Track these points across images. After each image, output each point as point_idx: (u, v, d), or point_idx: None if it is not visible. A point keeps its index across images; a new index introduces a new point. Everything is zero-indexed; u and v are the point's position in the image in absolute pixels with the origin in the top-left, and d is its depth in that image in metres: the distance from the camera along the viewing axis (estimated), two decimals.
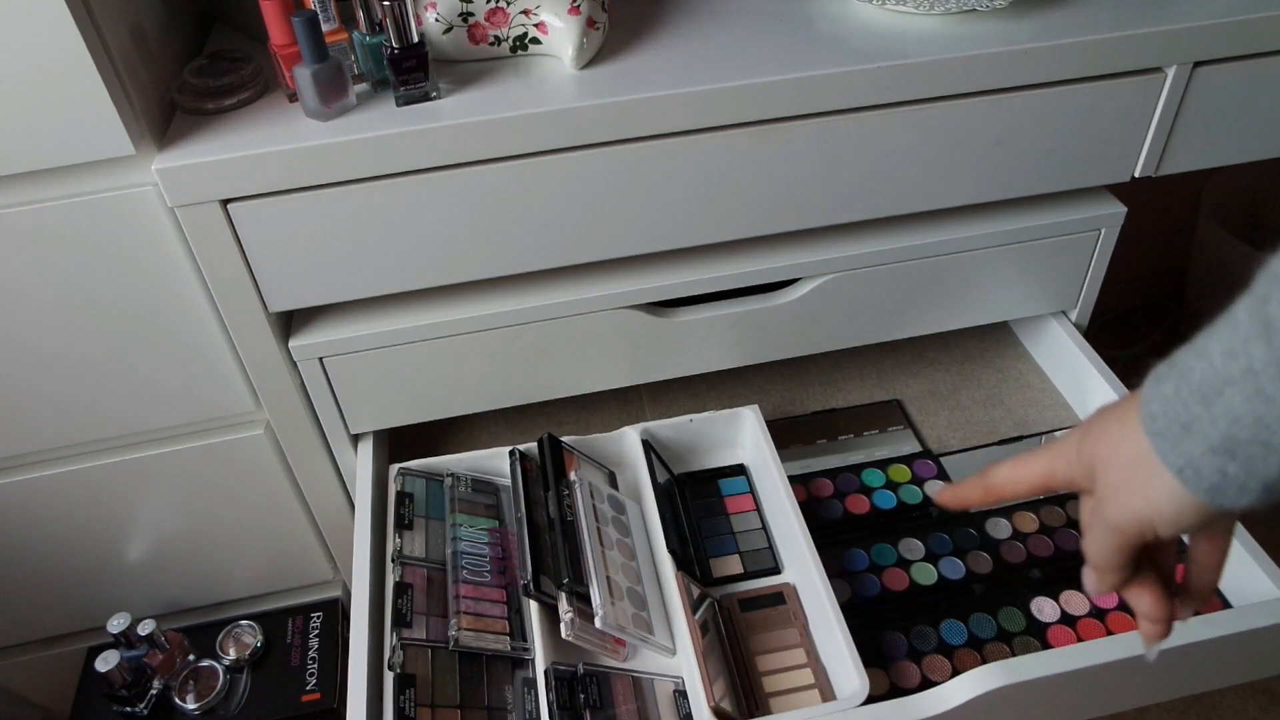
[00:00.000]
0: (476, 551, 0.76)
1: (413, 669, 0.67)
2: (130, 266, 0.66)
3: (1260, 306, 0.33)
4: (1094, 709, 0.69)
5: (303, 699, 0.84)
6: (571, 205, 0.69)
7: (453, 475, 0.80)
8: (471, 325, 0.76)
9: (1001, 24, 0.70)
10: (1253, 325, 0.33)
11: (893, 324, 0.86)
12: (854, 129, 0.70)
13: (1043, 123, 0.73)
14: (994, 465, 0.47)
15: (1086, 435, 0.42)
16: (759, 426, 0.82)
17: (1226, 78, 0.73)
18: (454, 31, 0.67)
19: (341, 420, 0.80)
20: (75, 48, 0.56)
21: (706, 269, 0.78)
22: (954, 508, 0.50)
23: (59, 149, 0.60)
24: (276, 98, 0.68)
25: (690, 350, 0.83)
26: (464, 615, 0.70)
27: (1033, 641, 0.72)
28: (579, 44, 0.67)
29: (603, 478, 0.80)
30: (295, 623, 0.91)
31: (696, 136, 0.67)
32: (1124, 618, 0.73)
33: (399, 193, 0.66)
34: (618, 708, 0.66)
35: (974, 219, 0.81)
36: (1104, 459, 0.40)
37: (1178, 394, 0.36)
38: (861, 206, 0.75)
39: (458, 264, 0.71)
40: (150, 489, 0.81)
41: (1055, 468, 0.44)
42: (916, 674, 0.70)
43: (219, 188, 0.63)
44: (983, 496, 0.48)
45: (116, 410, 0.75)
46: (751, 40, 0.70)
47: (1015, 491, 0.46)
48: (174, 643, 0.85)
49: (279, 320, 0.74)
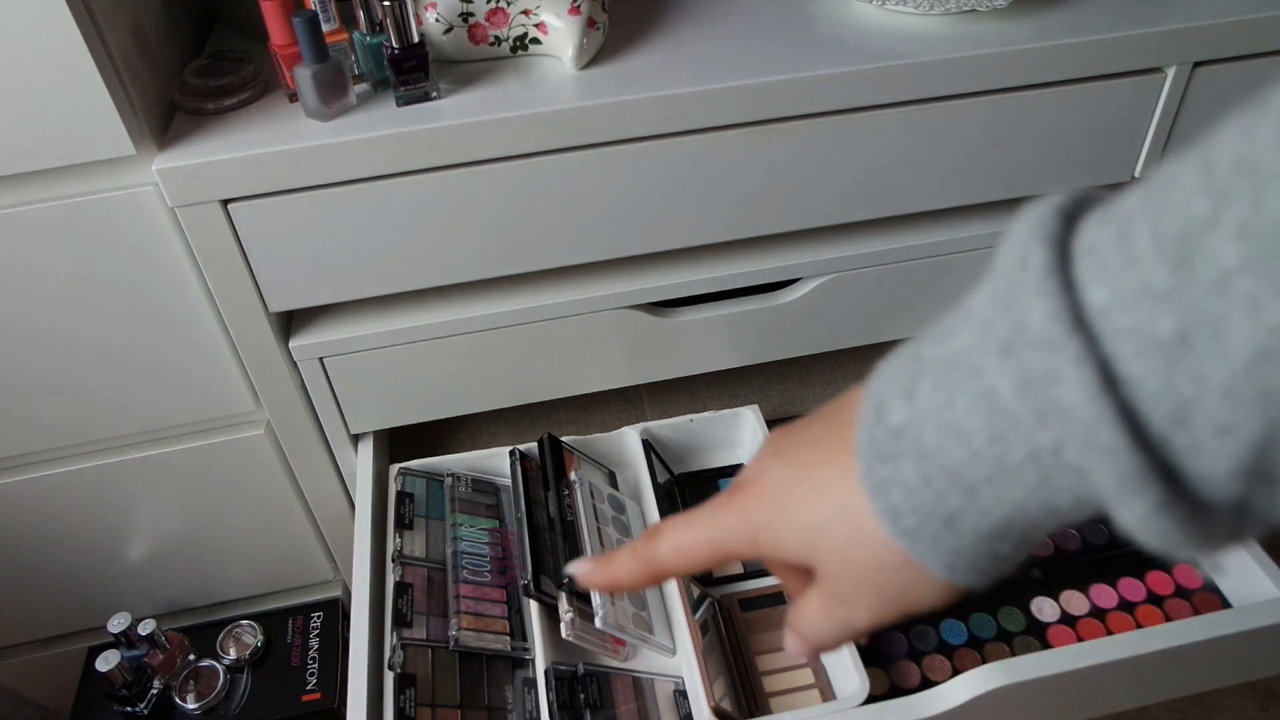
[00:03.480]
0: (477, 551, 0.76)
1: (413, 669, 0.67)
2: (130, 267, 0.66)
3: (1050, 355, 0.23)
4: (1094, 709, 0.69)
5: (303, 699, 0.84)
6: (571, 205, 0.69)
7: (453, 475, 0.80)
8: (471, 325, 0.76)
9: (1001, 24, 0.70)
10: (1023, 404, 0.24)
11: (893, 324, 0.86)
12: (854, 129, 0.70)
13: (1043, 123, 0.73)
14: (657, 534, 0.35)
15: (769, 519, 0.32)
16: (759, 426, 0.82)
17: (1226, 78, 0.73)
18: (454, 31, 0.68)
19: (342, 420, 0.80)
20: (75, 48, 0.56)
21: (706, 269, 0.78)
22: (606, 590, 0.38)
23: (59, 149, 0.60)
24: (277, 98, 0.68)
25: (690, 350, 0.83)
26: (464, 615, 0.70)
27: (1033, 641, 0.72)
28: (579, 44, 0.67)
29: (603, 478, 0.80)
30: (295, 623, 0.91)
31: (696, 136, 0.67)
32: (1124, 618, 0.73)
33: (399, 193, 0.66)
34: (618, 708, 0.66)
35: (974, 219, 0.81)
36: (830, 561, 0.30)
37: (926, 481, 0.27)
38: (861, 206, 0.75)
39: (458, 264, 0.71)
40: (150, 489, 0.81)
41: (727, 545, 0.33)
42: (916, 674, 0.70)
43: (219, 188, 0.63)
44: (644, 577, 0.36)
45: (116, 410, 0.75)
46: (751, 40, 0.70)
47: (683, 571, 0.35)
48: (174, 643, 0.85)
49: (279, 320, 0.74)
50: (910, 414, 0.27)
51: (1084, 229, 0.24)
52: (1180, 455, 0.22)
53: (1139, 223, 0.22)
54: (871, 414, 0.28)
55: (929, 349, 0.27)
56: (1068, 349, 0.22)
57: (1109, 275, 0.22)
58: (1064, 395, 0.23)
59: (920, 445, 0.27)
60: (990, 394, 0.25)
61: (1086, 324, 0.22)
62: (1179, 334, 0.21)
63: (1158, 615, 0.73)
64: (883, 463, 0.28)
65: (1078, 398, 0.22)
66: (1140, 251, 0.22)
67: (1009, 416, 0.24)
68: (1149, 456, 0.22)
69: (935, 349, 0.27)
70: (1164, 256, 0.21)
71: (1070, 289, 0.23)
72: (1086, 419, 0.22)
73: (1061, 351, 0.22)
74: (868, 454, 0.28)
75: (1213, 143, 0.22)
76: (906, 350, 0.28)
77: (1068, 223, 0.24)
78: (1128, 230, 0.22)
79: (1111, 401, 0.22)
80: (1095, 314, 0.22)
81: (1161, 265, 0.21)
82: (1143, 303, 0.21)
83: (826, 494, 0.30)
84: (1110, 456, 0.22)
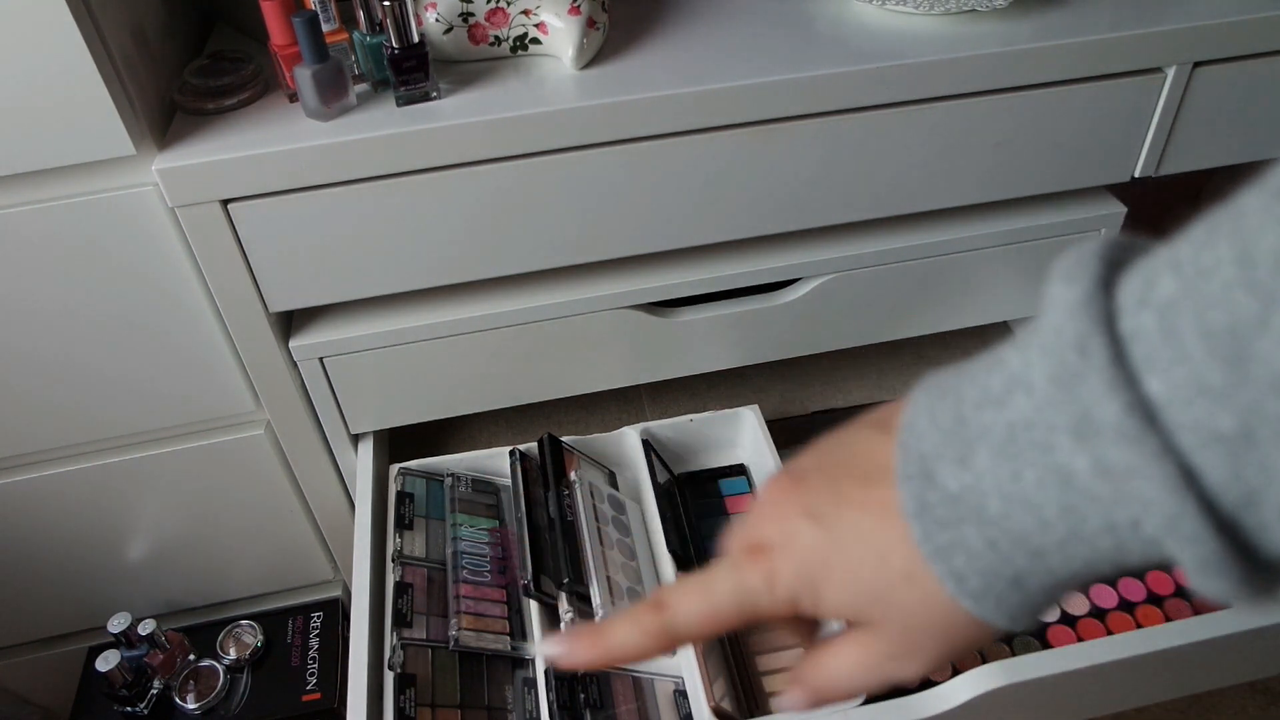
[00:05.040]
0: (476, 551, 0.76)
1: (413, 669, 0.67)
2: (130, 267, 0.66)
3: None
4: (1094, 709, 0.69)
5: (303, 699, 0.84)
6: (571, 205, 0.69)
7: (453, 475, 0.80)
8: (471, 325, 0.76)
9: (1001, 24, 0.70)
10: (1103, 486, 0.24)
11: (893, 324, 0.86)
12: (854, 129, 0.70)
13: (1043, 123, 0.73)
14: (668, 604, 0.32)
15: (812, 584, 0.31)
16: (759, 426, 0.82)
17: (1226, 78, 0.73)
18: (454, 31, 0.68)
19: (342, 420, 0.80)
20: (75, 48, 0.56)
21: (706, 269, 0.78)
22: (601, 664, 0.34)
23: (59, 149, 0.60)
24: (277, 98, 0.68)
25: (690, 350, 0.83)
26: (464, 615, 0.70)
27: (1033, 641, 0.72)
28: (579, 44, 0.67)
29: (603, 478, 0.80)
30: (295, 623, 0.91)
31: (696, 136, 0.67)
32: (1124, 618, 0.73)
33: (399, 193, 0.66)
34: (618, 708, 0.66)
35: (974, 219, 0.81)
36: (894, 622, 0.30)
37: (992, 546, 0.27)
38: (861, 206, 0.75)
39: (458, 264, 0.71)
40: (150, 489, 0.81)
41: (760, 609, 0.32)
42: None
43: (219, 188, 0.63)
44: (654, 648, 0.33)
45: (116, 410, 0.75)
46: (751, 40, 0.70)
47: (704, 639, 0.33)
48: (174, 643, 0.85)
49: (279, 320, 0.74)
50: (968, 482, 0.27)
51: (1124, 307, 0.24)
52: (1250, 533, 0.23)
53: (1183, 314, 0.22)
54: (919, 477, 0.28)
55: (974, 412, 0.27)
56: (1146, 445, 0.23)
57: (1161, 369, 0.23)
58: (1144, 489, 0.23)
59: (983, 513, 0.26)
60: (1063, 472, 0.25)
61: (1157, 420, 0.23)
62: (1241, 431, 0.21)
63: (1158, 615, 0.73)
64: (941, 529, 0.27)
65: (1159, 492, 0.23)
66: (1190, 347, 0.22)
67: (1086, 494, 0.24)
68: (1228, 541, 0.23)
69: (984, 414, 0.27)
70: (1216, 356, 0.21)
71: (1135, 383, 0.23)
72: (1169, 512, 0.23)
73: (1141, 447, 0.23)
74: (923, 519, 0.28)
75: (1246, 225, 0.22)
76: (944, 406, 0.28)
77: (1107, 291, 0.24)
78: (1172, 321, 0.23)
79: (1194, 497, 0.22)
80: (1156, 408, 0.23)
81: (1215, 364, 0.22)
82: (1200, 400, 0.22)
83: (887, 562, 0.29)
84: (1192, 544, 0.23)
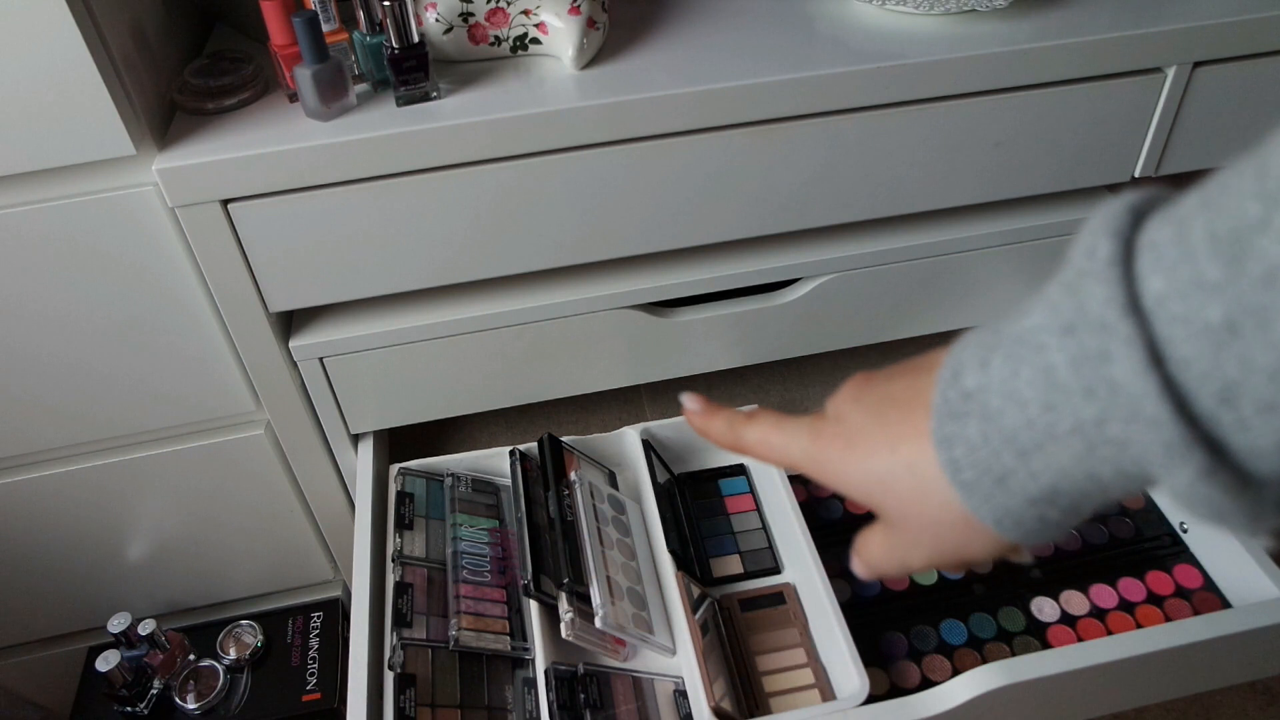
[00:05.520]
0: (476, 551, 0.76)
1: (413, 669, 0.67)
2: (130, 267, 0.66)
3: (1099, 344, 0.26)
4: (1094, 709, 0.69)
5: (303, 699, 0.84)
6: (571, 205, 0.69)
7: (453, 475, 0.80)
8: (471, 325, 0.76)
9: (1001, 24, 0.70)
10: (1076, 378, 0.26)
11: (893, 324, 0.86)
12: (854, 129, 0.70)
13: (1043, 123, 0.73)
14: (753, 421, 0.41)
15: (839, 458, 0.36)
16: None
17: (1226, 78, 0.73)
18: (454, 32, 0.68)
19: (342, 420, 0.80)
20: (75, 48, 0.56)
21: (706, 269, 0.78)
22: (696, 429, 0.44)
23: (59, 149, 0.60)
24: (277, 98, 0.68)
25: (690, 350, 0.83)
26: (464, 615, 0.70)
27: (1033, 641, 0.72)
28: (579, 44, 0.67)
29: (603, 478, 0.80)
30: (295, 623, 0.91)
31: (696, 136, 0.67)
32: (1124, 618, 0.73)
33: (399, 193, 0.66)
34: (618, 708, 0.66)
35: (974, 219, 0.81)
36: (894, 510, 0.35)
37: (986, 440, 0.30)
38: (861, 206, 0.75)
39: (458, 264, 0.71)
40: (150, 489, 0.81)
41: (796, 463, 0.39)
42: (916, 674, 0.70)
43: (219, 188, 0.63)
44: (727, 444, 0.42)
45: (116, 410, 0.75)
46: (751, 40, 0.70)
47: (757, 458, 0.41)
48: (174, 643, 0.85)
49: (279, 320, 0.74)
50: (981, 381, 0.30)
51: (1149, 226, 0.26)
52: (1228, 431, 0.24)
53: (1196, 222, 0.24)
54: (949, 377, 0.31)
55: (1007, 325, 0.30)
56: (1120, 330, 0.25)
57: (1166, 268, 0.24)
58: (1114, 372, 0.25)
59: (986, 409, 0.30)
60: (1048, 368, 0.27)
61: (1142, 310, 0.25)
62: (1227, 322, 0.23)
63: (1158, 615, 0.73)
64: (952, 420, 0.31)
65: (1125, 375, 0.25)
66: (1196, 247, 0.24)
67: (1061, 389, 0.27)
68: (1192, 428, 0.24)
69: (1011, 326, 0.30)
70: (1217, 252, 0.23)
71: (1130, 279, 0.25)
72: (1133, 393, 0.25)
73: (1114, 333, 0.25)
74: (940, 412, 0.31)
75: (1268, 151, 0.24)
76: (991, 325, 0.31)
77: (1136, 219, 0.26)
78: (1185, 228, 0.24)
79: (1157, 377, 0.24)
80: (1152, 301, 0.25)
81: (1214, 260, 0.23)
82: (1195, 293, 0.24)
83: (898, 449, 0.33)
84: (1155, 427, 0.24)
